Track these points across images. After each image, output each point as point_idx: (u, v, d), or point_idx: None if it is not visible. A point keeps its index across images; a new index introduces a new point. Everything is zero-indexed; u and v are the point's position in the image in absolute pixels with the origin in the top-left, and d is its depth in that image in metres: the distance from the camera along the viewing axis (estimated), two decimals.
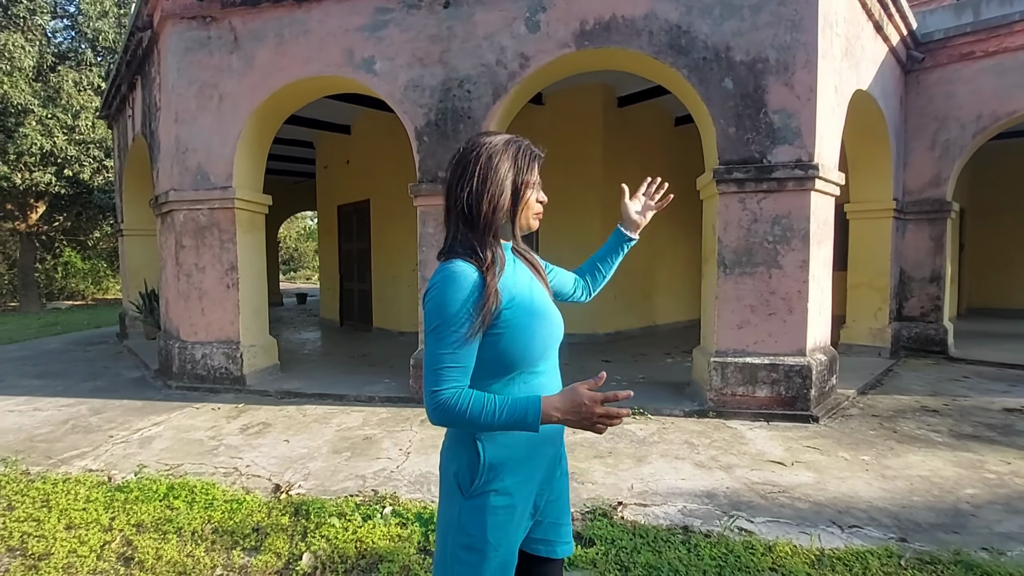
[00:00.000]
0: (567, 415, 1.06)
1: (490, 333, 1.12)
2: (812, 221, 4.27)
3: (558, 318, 1.25)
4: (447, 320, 1.07)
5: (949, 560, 2.38)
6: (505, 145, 1.20)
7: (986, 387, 5.39)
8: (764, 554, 2.44)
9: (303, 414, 4.71)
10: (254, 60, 5.19)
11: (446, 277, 1.10)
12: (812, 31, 4.11)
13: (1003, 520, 2.79)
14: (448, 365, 1.07)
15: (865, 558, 2.39)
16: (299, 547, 2.56)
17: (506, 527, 1.16)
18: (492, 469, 1.14)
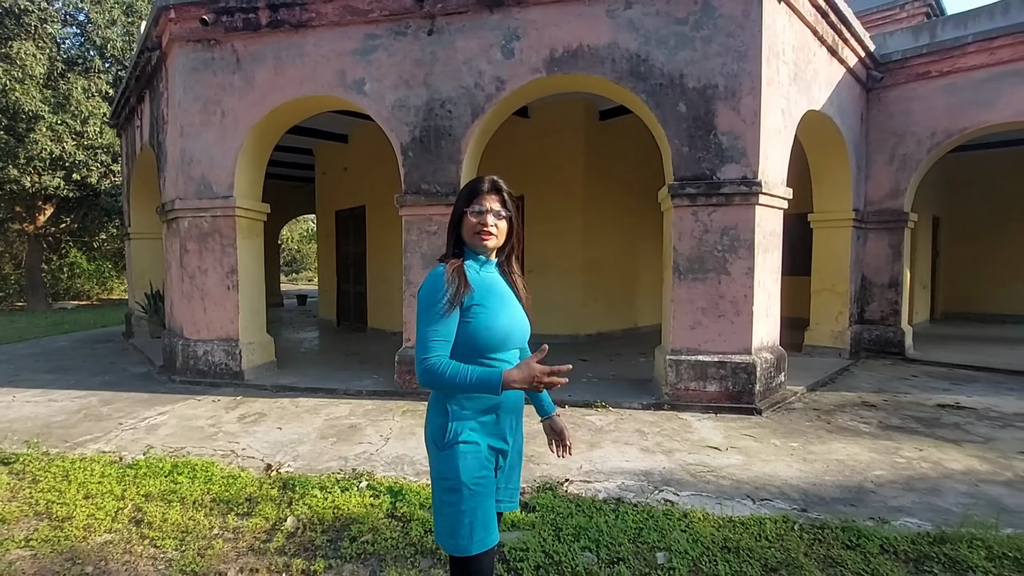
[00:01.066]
0: (521, 381, 1.39)
1: (463, 320, 1.50)
2: (757, 232, 4.69)
3: (520, 324, 1.61)
4: (429, 304, 1.46)
5: (836, 526, 2.80)
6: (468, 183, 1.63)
7: (930, 385, 5.80)
8: (679, 519, 2.87)
9: (296, 405, 5.15)
10: (254, 80, 5.64)
11: (430, 275, 1.52)
12: (756, 61, 4.55)
13: (899, 496, 3.21)
14: (432, 339, 1.44)
15: (763, 523, 2.81)
16: (285, 512, 2.99)
17: (475, 468, 1.49)
18: (459, 429, 1.51)
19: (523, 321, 1.63)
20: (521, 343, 1.64)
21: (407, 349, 5.40)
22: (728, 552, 2.57)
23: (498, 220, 1.58)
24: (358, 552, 2.60)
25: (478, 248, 1.58)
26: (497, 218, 1.57)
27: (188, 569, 2.48)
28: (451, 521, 1.49)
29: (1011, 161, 10.49)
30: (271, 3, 5.43)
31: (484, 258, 1.61)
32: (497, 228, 1.58)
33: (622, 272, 9.12)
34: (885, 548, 2.60)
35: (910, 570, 2.44)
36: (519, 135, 8.14)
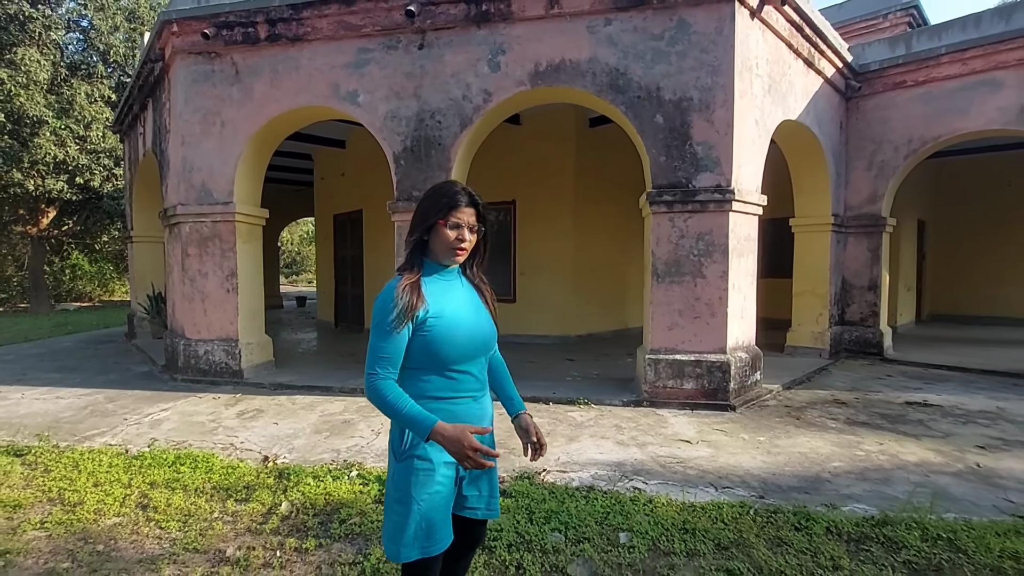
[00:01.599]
0: (448, 443, 1.39)
1: (419, 333, 1.47)
2: (731, 237, 4.93)
3: (482, 333, 1.56)
4: (380, 318, 1.43)
5: (789, 511, 3.03)
6: (435, 189, 1.55)
7: (902, 384, 6.03)
8: (644, 504, 3.10)
9: (292, 403, 5.39)
10: (252, 91, 5.89)
11: (385, 288, 1.48)
12: (729, 75, 4.79)
13: (852, 485, 3.44)
14: (380, 354, 1.43)
15: (721, 508, 3.04)
16: (280, 498, 3.23)
17: (426, 485, 1.47)
18: (415, 441, 1.47)
19: (485, 329, 1.59)
20: (485, 351, 1.61)
21: None
22: (685, 532, 2.80)
23: (472, 235, 1.54)
24: (346, 533, 2.84)
25: (446, 261, 1.55)
26: (471, 232, 1.54)
27: (191, 547, 2.72)
28: (395, 528, 1.49)
29: (995, 166, 10.72)
30: (269, 18, 5.69)
31: (448, 268, 1.58)
32: (470, 243, 1.55)
33: (612, 274, 9.35)
34: (830, 530, 2.83)
35: (850, 548, 2.67)
36: (511, 141, 8.39)
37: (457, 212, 1.50)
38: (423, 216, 1.53)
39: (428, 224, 1.51)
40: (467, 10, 5.25)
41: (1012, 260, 10.88)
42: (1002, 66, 6.31)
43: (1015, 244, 10.85)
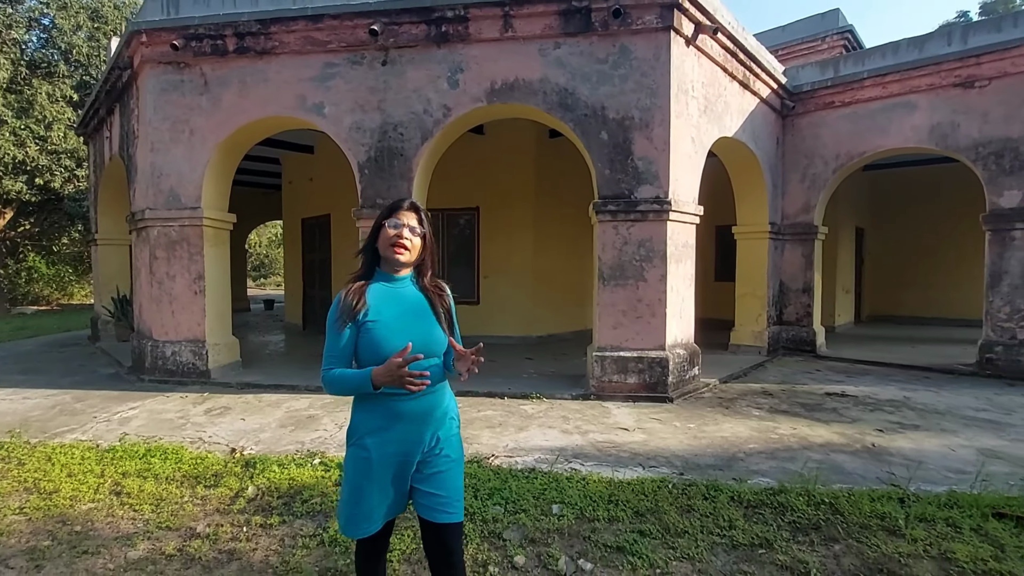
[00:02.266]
0: (384, 376, 1.53)
1: (360, 333, 1.65)
2: (670, 244, 5.41)
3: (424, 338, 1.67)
4: (329, 321, 1.68)
5: (702, 484, 3.47)
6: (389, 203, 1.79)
7: (828, 377, 6.62)
8: (578, 482, 3.50)
9: (259, 400, 5.63)
10: (221, 101, 6.12)
11: (339, 294, 1.71)
12: (666, 97, 5.27)
13: (761, 463, 3.91)
14: (329, 353, 1.66)
15: (644, 483, 3.47)
16: (246, 483, 3.52)
17: (362, 472, 1.66)
18: (355, 430, 1.69)
19: (426, 334, 1.69)
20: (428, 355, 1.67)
21: None
22: (610, 503, 3.21)
23: (413, 236, 1.68)
24: (308, 511, 3.15)
25: (392, 262, 1.70)
26: (412, 233, 1.68)
27: (163, 525, 3.00)
28: (340, 506, 1.74)
29: (926, 178, 11.59)
30: (238, 32, 5.94)
31: (396, 276, 1.73)
32: (411, 243, 1.68)
33: (571, 278, 9.79)
34: (733, 498, 3.28)
35: (746, 513, 3.12)
36: (475, 151, 8.77)
37: (397, 214, 1.69)
38: (373, 225, 1.74)
39: (375, 228, 1.72)
40: (428, 30, 5.61)
41: (943, 265, 11.76)
42: (916, 90, 7.00)
43: (945, 250, 11.74)
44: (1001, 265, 6.44)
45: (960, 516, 3.03)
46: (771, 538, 2.83)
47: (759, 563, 2.64)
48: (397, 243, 1.67)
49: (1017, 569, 2.55)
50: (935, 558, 2.67)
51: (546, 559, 2.67)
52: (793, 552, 2.71)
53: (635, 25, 5.25)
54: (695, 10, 5.40)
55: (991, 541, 2.80)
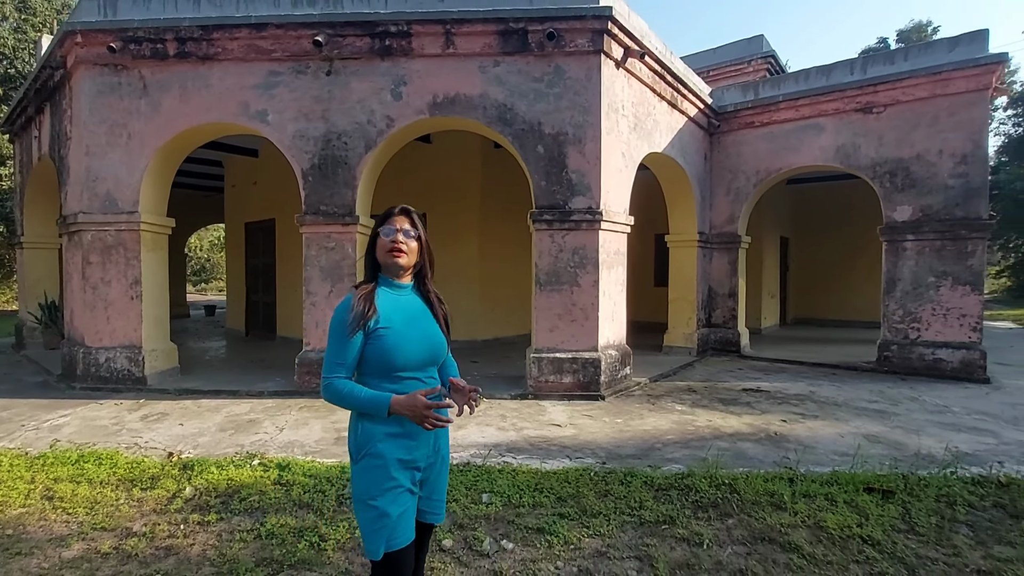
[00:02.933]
0: (405, 409, 1.50)
1: (369, 341, 1.59)
2: (601, 251, 5.79)
3: (431, 344, 1.68)
4: (336, 327, 1.59)
5: (620, 472, 3.81)
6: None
7: (747, 375, 7.19)
8: (508, 473, 3.77)
9: (198, 406, 5.62)
10: (161, 105, 6.08)
11: (344, 300, 1.63)
12: (597, 115, 5.66)
13: (676, 452, 4.30)
14: (335, 360, 1.57)
15: (568, 472, 3.77)
16: (184, 485, 3.59)
17: (381, 481, 1.57)
18: (367, 439, 1.59)
19: (434, 340, 1.70)
20: (433, 361, 1.72)
21: (307, 352, 6.02)
22: (535, 491, 3.49)
23: (408, 239, 1.68)
24: (246, 508, 3.28)
25: (392, 268, 1.69)
26: (407, 237, 1.68)
27: (98, 527, 3.06)
28: (364, 527, 1.59)
29: (843, 193, 12.60)
30: (179, 36, 5.93)
31: (399, 282, 1.72)
32: (407, 247, 1.68)
33: (517, 282, 10.08)
34: (646, 483, 3.63)
35: (656, 495, 3.47)
36: (422, 159, 8.96)
37: (389, 221, 1.70)
38: (371, 237, 1.74)
39: (372, 239, 1.72)
40: (372, 44, 5.80)
41: (856, 272, 12.81)
42: (824, 114, 7.73)
43: (861, 258, 12.78)
44: (895, 273, 7.20)
45: (837, 492, 3.48)
46: (675, 515, 3.18)
47: (661, 536, 2.98)
48: (394, 247, 1.66)
49: (875, 532, 3.00)
50: (810, 527, 3.09)
51: (472, 541, 2.91)
52: (692, 526, 3.07)
53: (568, 47, 5.62)
54: (624, 36, 5.83)
55: (858, 511, 3.25)
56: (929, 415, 5.30)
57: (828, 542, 2.92)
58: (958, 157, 6.80)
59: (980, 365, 6.69)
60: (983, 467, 3.91)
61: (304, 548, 2.80)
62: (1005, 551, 2.86)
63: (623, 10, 5.88)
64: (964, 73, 6.69)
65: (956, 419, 5.16)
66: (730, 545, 2.90)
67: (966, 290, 6.75)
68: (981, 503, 3.39)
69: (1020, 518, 3.21)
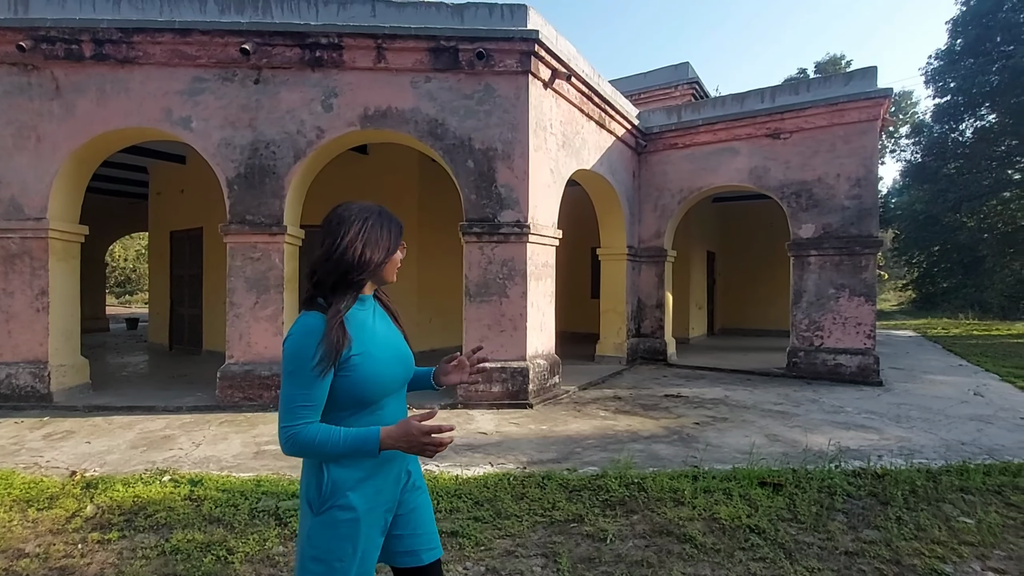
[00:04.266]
0: (399, 442, 1.24)
1: (340, 374, 1.29)
2: (530, 263, 5.99)
3: (405, 360, 1.44)
4: (299, 363, 1.24)
5: (539, 475, 3.96)
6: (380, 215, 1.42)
7: (670, 382, 7.57)
8: (430, 480, 3.83)
9: (108, 423, 5.35)
10: (75, 108, 5.82)
11: (300, 327, 1.28)
12: (525, 132, 5.90)
13: (594, 455, 4.50)
14: (300, 403, 1.25)
15: (488, 477, 3.88)
16: (85, 503, 3.45)
17: (352, 539, 1.30)
18: (336, 487, 1.29)
19: (406, 357, 1.48)
20: (407, 379, 1.49)
21: (230, 365, 5.86)
22: (454, 496, 3.58)
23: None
24: (151, 525, 3.19)
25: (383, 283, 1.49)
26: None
27: None
28: None
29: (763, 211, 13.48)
30: (96, 38, 5.72)
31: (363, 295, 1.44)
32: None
33: (455, 293, 10.13)
34: (562, 485, 3.79)
35: (569, 495, 3.64)
36: (359, 170, 8.94)
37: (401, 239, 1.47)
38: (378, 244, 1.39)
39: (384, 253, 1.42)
40: (302, 54, 5.80)
41: (777, 284, 13.68)
42: (738, 138, 8.33)
43: (778, 272, 13.68)
44: (801, 285, 7.82)
45: (734, 486, 3.76)
46: (584, 514, 3.35)
47: (569, 534, 3.14)
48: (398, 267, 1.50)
49: (762, 522, 3.27)
50: (706, 519, 3.33)
51: None
52: (599, 523, 3.25)
53: (498, 67, 5.84)
54: (551, 58, 6.11)
55: (750, 503, 3.53)
56: (826, 415, 5.79)
57: (720, 532, 3.16)
58: (853, 180, 7.50)
59: (874, 369, 7.35)
60: (864, 460, 4.33)
61: (210, 562, 2.76)
62: (872, 534, 3.19)
63: (550, 34, 6.17)
64: (857, 105, 7.42)
65: (848, 418, 5.66)
66: (632, 539, 3.10)
67: (861, 301, 7.42)
68: (858, 492, 3.75)
69: (888, 504, 3.59)
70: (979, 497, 3.66)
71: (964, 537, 3.11)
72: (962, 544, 3.04)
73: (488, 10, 5.88)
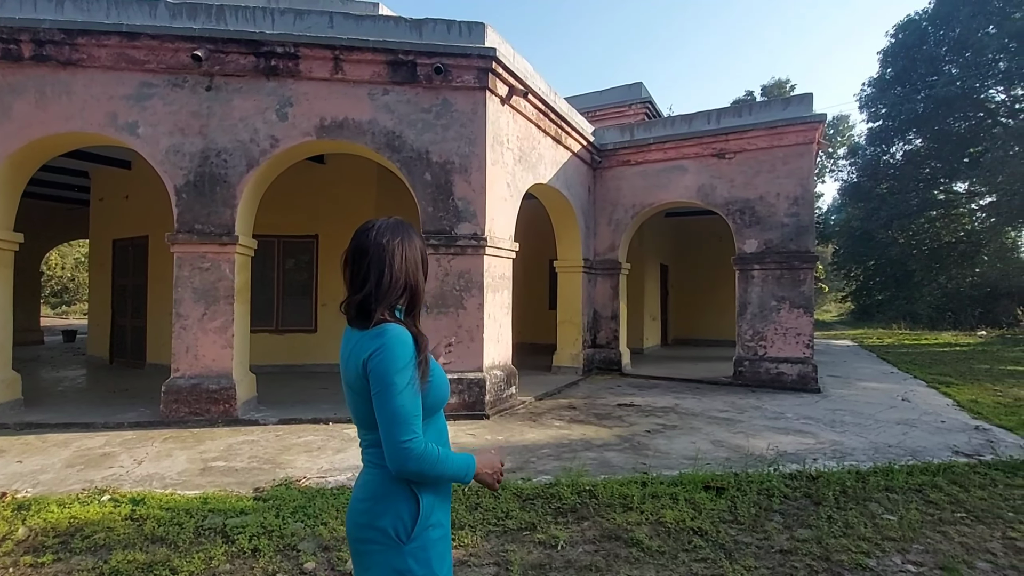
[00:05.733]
0: (483, 470, 1.33)
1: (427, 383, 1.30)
2: (486, 276, 6.07)
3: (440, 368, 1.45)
4: (403, 372, 1.21)
5: None
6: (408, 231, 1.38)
7: (624, 391, 7.77)
8: None
9: (42, 441, 5.07)
10: (11, 111, 5.55)
11: (394, 338, 1.23)
12: (482, 146, 6.00)
13: (548, 464, 4.59)
14: (414, 413, 1.21)
15: None
16: (16, 526, 3.27)
17: (445, 555, 1.32)
18: (430, 510, 1.29)
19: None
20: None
21: (175, 379, 5.67)
22: None
23: None
24: (88, 547, 3.06)
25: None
26: None
27: None
28: None
29: (714, 226, 13.98)
30: (36, 38, 5.49)
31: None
32: None
33: None
34: (516, 494, 3.85)
35: (523, 504, 3.70)
36: (315, 179, 8.84)
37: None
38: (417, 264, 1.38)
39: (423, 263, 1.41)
40: (256, 62, 5.74)
41: (725, 297, 14.15)
42: (686, 156, 8.72)
43: (727, 284, 14.20)
44: (746, 297, 8.21)
45: (680, 491, 3.92)
46: (536, 521, 3.43)
47: (521, 542, 3.20)
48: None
49: (704, 524, 3.43)
50: (652, 523, 3.46)
51: (335, 561, 2.95)
52: (550, 531, 3.33)
53: (455, 82, 5.94)
54: (508, 75, 6.26)
55: (694, 506, 3.69)
56: (767, 421, 6.08)
57: (665, 535, 3.30)
58: (791, 199, 7.97)
59: (813, 377, 7.77)
60: (800, 463, 4.59)
61: None
62: (805, 533, 3.39)
63: (507, 52, 6.32)
64: (794, 128, 7.90)
65: (787, 424, 5.97)
66: (582, 544, 3.19)
67: (800, 312, 7.85)
68: (794, 494, 3.98)
69: (821, 504, 3.82)
70: (902, 495, 3.94)
71: (887, 533, 3.35)
72: (885, 540, 3.27)
73: (447, 26, 5.99)
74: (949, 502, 3.82)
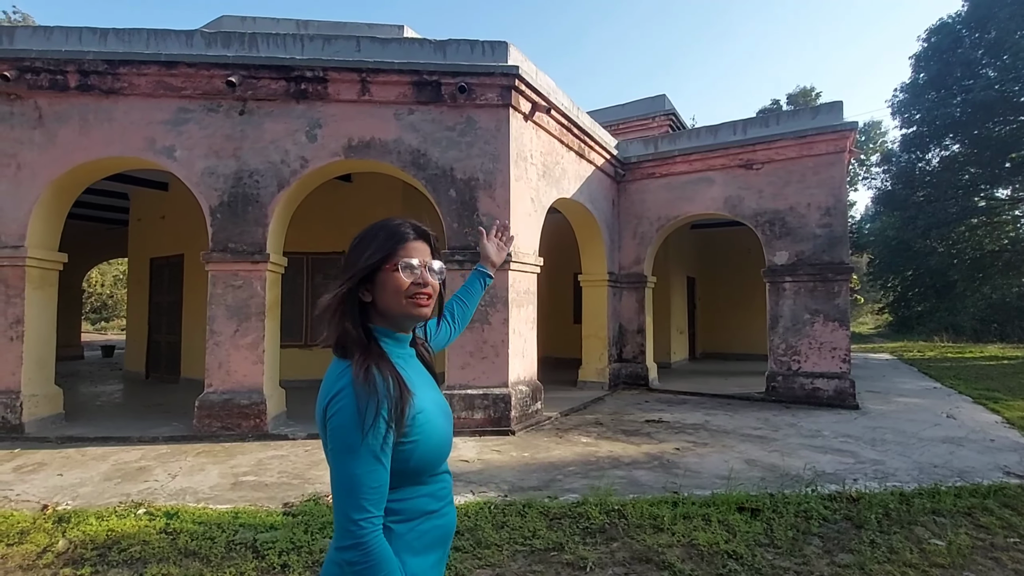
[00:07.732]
0: None
1: (402, 443, 1.01)
2: (511, 291, 6.07)
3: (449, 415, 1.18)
4: (355, 433, 0.96)
5: (520, 503, 3.96)
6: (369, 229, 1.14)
7: (652, 407, 7.63)
8: None
9: (82, 454, 5.23)
10: (57, 137, 5.84)
11: (338, 381, 1.00)
12: (506, 162, 6.04)
13: (575, 482, 4.52)
14: (366, 488, 0.95)
15: (469, 506, 3.88)
16: (57, 538, 3.37)
17: None
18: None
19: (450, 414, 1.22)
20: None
21: (208, 395, 5.80)
22: None
23: (433, 277, 1.15)
24: (125, 559, 3.13)
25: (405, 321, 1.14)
26: (432, 275, 1.15)
27: None
28: None
29: (742, 237, 13.77)
30: (81, 69, 5.78)
31: (404, 336, 1.18)
32: (434, 289, 1.15)
33: None
34: (543, 513, 3.80)
35: (550, 523, 3.65)
36: (342, 198, 9.01)
37: (406, 249, 1.13)
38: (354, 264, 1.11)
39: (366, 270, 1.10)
40: (287, 87, 5.92)
41: (755, 309, 13.89)
42: (713, 168, 8.61)
43: (756, 297, 13.94)
44: (777, 310, 8.01)
45: (713, 512, 3.81)
46: (564, 542, 3.36)
47: (549, 563, 3.14)
48: (419, 293, 1.12)
49: (739, 547, 3.32)
50: (684, 545, 3.37)
51: None
52: (579, 551, 3.26)
53: (479, 100, 6.01)
54: (531, 92, 6.31)
55: (728, 528, 3.57)
56: (803, 439, 5.88)
57: (698, 558, 3.20)
58: (823, 210, 7.78)
59: (850, 392, 7.50)
60: (839, 484, 4.41)
61: None
62: (846, 558, 3.25)
63: (530, 69, 6.38)
64: (824, 137, 7.74)
65: (825, 442, 5.76)
66: (612, 567, 3.11)
67: (835, 326, 7.61)
68: (833, 516, 3.82)
69: (862, 528, 3.66)
70: (950, 519, 3.75)
71: (935, 559, 3.18)
72: (933, 566, 3.11)
73: (470, 46, 6.09)
74: (1001, 526, 3.62)
